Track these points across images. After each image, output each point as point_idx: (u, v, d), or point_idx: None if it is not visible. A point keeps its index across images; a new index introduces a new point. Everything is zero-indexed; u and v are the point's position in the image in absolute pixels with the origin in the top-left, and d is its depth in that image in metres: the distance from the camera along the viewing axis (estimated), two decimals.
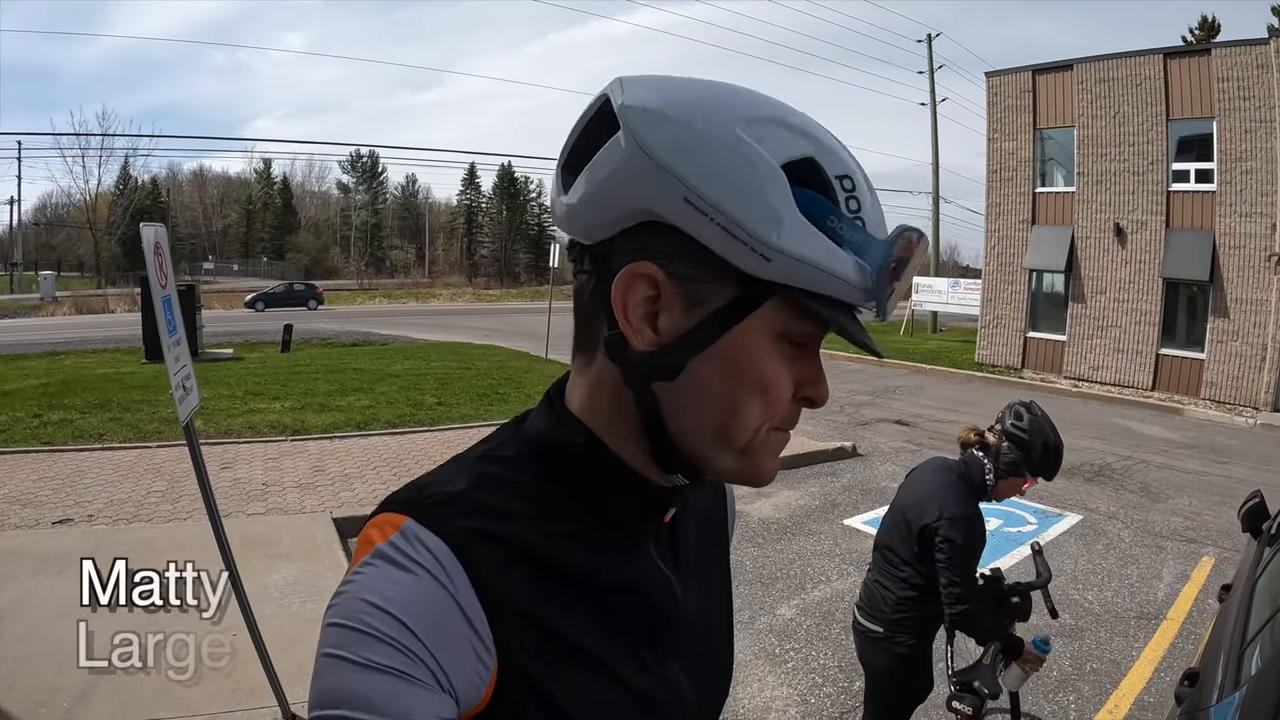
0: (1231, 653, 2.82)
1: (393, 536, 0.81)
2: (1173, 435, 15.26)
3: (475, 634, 0.80)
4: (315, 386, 13.99)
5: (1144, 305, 20.66)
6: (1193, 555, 8.01)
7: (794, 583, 6.84)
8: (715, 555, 1.15)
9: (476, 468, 0.90)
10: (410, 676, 0.75)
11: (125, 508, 7.49)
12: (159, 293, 4.15)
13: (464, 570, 0.80)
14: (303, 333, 23.83)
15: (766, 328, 0.83)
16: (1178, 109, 19.89)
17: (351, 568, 0.82)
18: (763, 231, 0.78)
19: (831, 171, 0.82)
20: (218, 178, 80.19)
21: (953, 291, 30.27)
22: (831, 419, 13.92)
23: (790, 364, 0.86)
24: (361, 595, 0.77)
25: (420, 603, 0.78)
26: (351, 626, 0.75)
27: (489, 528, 0.84)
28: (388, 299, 50.59)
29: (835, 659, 5.53)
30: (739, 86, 0.86)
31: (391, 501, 0.86)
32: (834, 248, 0.79)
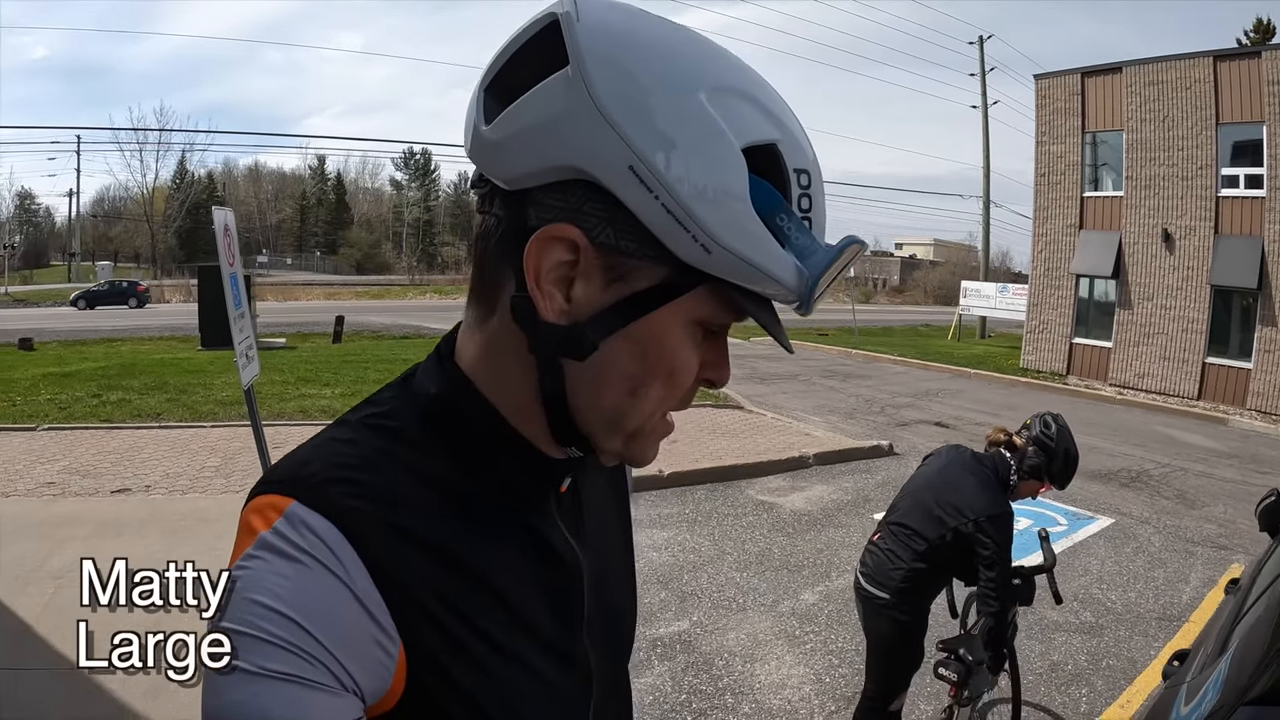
0: (1221, 630, 2.93)
1: (277, 523, 0.74)
2: (1214, 444, 15.09)
3: (375, 623, 0.75)
4: (365, 375, 14.31)
5: (1191, 313, 20.40)
6: (1222, 561, 8.00)
7: (819, 571, 6.97)
8: (616, 522, 1.12)
9: (363, 438, 0.84)
10: (310, 681, 0.70)
11: (180, 481, 7.84)
12: (226, 270, 4.44)
13: (357, 555, 0.74)
14: (354, 325, 24.22)
15: (685, 314, 0.79)
16: (1228, 113, 19.59)
17: (234, 559, 0.75)
18: (711, 223, 0.73)
19: (791, 163, 0.76)
20: (272, 173, 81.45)
21: (1000, 297, 30.01)
22: (871, 419, 14.04)
23: (698, 348, 0.82)
24: (249, 594, 0.71)
25: (313, 597, 0.72)
26: (243, 632, 0.70)
27: (381, 506, 0.78)
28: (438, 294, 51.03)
29: (853, 643, 5.65)
30: (711, 43, 0.78)
31: (271, 481, 0.79)
32: (779, 249, 0.75)
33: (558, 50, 0.72)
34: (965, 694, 3.54)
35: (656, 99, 0.72)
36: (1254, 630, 2.53)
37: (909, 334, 35.16)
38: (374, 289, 52.46)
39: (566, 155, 0.73)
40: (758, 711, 4.77)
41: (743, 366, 19.17)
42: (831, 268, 0.76)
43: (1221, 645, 2.71)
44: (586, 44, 0.71)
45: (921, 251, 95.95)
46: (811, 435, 11.91)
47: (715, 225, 0.73)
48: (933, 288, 73.17)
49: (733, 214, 0.73)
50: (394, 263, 75.06)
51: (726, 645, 5.53)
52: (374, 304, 39.57)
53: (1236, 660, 2.38)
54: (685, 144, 0.72)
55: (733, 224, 0.73)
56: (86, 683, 4.30)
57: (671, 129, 0.72)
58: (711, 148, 0.73)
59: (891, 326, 38.87)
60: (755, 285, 0.76)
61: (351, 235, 78.03)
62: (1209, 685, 2.39)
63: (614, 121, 0.71)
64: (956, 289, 36.39)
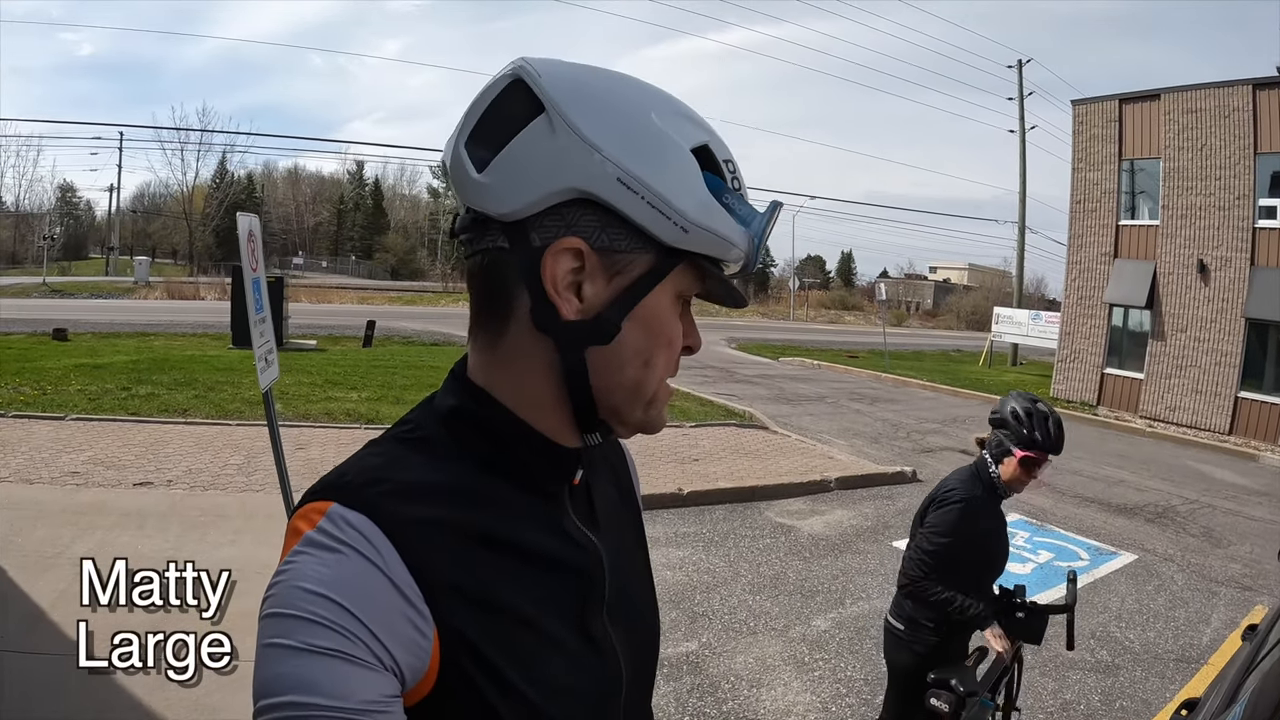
0: (1234, 679, 2.88)
1: (320, 522, 0.83)
2: (1245, 481, 14.87)
3: (411, 606, 0.82)
4: (393, 380, 14.39)
5: (1225, 345, 20.11)
6: (1246, 603, 7.89)
7: (834, 597, 6.93)
8: (627, 514, 1.20)
9: (393, 449, 0.94)
10: (351, 657, 0.77)
11: (202, 476, 7.92)
12: (249, 275, 4.49)
13: (392, 545, 0.83)
14: (385, 330, 24.31)
15: (671, 289, 0.94)
16: (1266, 142, 19.31)
17: (282, 559, 0.84)
18: (684, 207, 0.89)
19: (720, 156, 0.95)
20: (311, 176, 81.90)
21: (1033, 324, 29.79)
22: (897, 444, 13.98)
23: (681, 320, 0.97)
24: (295, 583, 0.80)
25: (353, 581, 0.80)
26: (288, 614, 0.78)
27: (413, 502, 0.87)
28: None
29: (862, 672, 5.63)
30: (636, 79, 0.95)
31: (313, 491, 0.89)
32: (731, 220, 0.92)
33: (527, 102, 0.89)
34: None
35: (623, 124, 0.89)
36: (1266, 681, 2.49)
37: (940, 359, 34.94)
38: (407, 294, 52.68)
39: (566, 180, 0.88)
40: None
41: (770, 387, 19.16)
42: (767, 228, 0.95)
43: (1231, 696, 2.66)
44: (555, 93, 0.88)
45: (955, 276, 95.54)
46: (834, 458, 11.85)
47: (688, 209, 0.90)
48: (966, 313, 72.82)
49: (697, 199, 0.90)
50: (428, 269, 75.43)
51: (734, 668, 5.50)
52: (406, 310, 39.74)
53: (1249, 711, 2.34)
54: (653, 154, 0.89)
55: (699, 206, 0.90)
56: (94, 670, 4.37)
57: (640, 144, 0.89)
58: (670, 153, 0.90)
59: (923, 350, 38.64)
60: (719, 253, 0.93)
61: (387, 241, 78.42)
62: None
63: (598, 147, 0.87)
64: (989, 314, 36.14)
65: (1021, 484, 3.53)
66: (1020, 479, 3.51)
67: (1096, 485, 12.72)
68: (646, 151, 0.89)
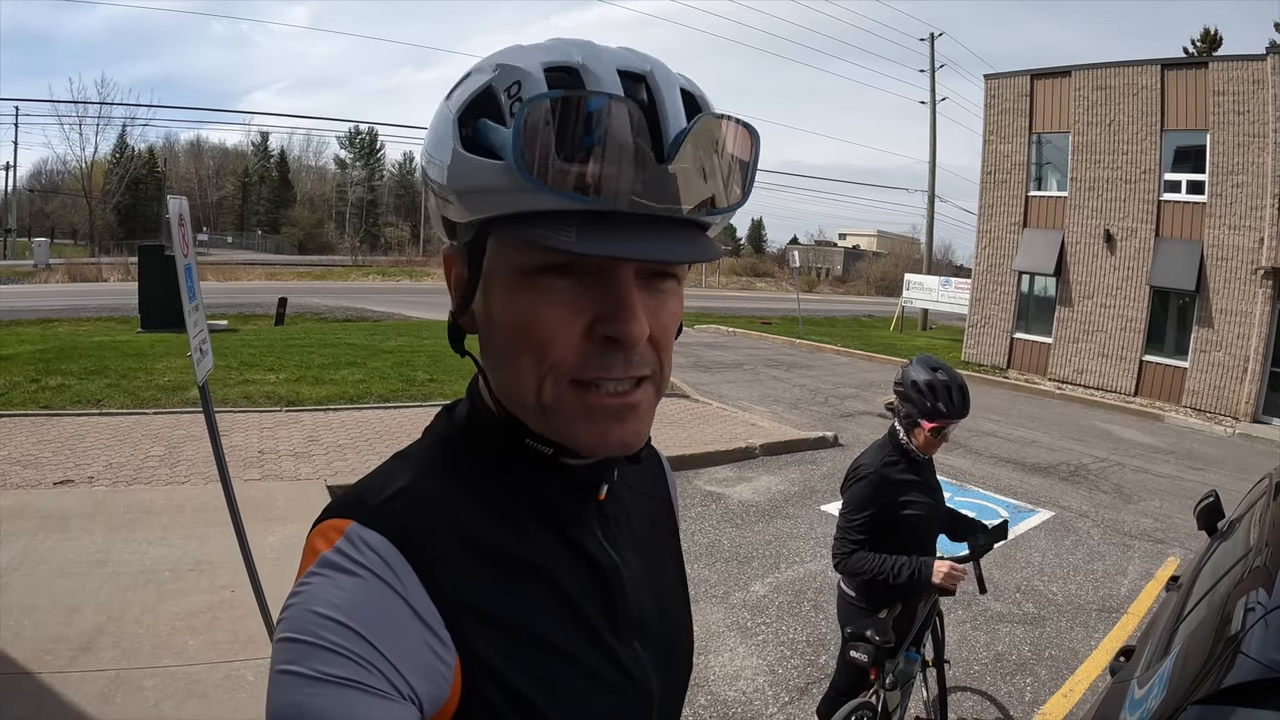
0: (1165, 629, 3.02)
1: (338, 542, 0.79)
2: (1151, 440, 15.49)
3: (430, 631, 0.78)
4: (310, 360, 14.09)
5: (1130, 312, 20.87)
6: (1159, 555, 8.24)
7: (769, 562, 7.06)
8: (662, 533, 1.15)
9: (413, 464, 0.90)
10: (367, 687, 0.72)
11: (124, 471, 7.64)
12: (181, 261, 4.35)
13: (411, 568, 0.79)
14: (296, 307, 23.79)
15: (509, 268, 0.83)
16: (1173, 120, 20.04)
17: (299, 578, 0.79)
18: (441, 178, 0.82)
19: (500, 85, 0.80)
20: (214, 149, 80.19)
21: (943, 290, 30.36)
22: (816, 410, 14.19)
23: (564, 301, 0.82)
24: (310, 606, 0.75)
25: (370, 607, 0.76)
26: (302, 640, 0.73)
27: (433, 523, 0.83)
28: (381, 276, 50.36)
29: (804, 634, 5.75)
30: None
31: (334, 507, 0.85)
32: (485, 162, 0.78)
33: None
34: (889, 678, 3.61)
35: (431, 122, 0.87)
36: (1198, 630, 2.62)
37: (852, 324, 35.45)
38: (316, 269, 51.57)
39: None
40: (714, 703, 4.83)
41: (687, 355, 19.20)
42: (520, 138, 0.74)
43: (1167, 643, 2.80)
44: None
45: (865, 243, 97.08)
46: (757, 426, 12.00)
47: (443, 178, 0.82)
48: (876, 279, 74.00)
49: (449, 162, 0.81)
50: (337, 243, 74.13)
51: None
52: (316, 285, 38.93)
53: (1181, 660, 2.46)
54: (431, 140, 0.85)
55: (451, 169, 0.81)
56: (35, 685, 4.22)
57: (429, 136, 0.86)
58: (440, 127, 0.84)
59: (835, 316, 39.26)
60: (502, 207, 0.79)
61: (294, 214, 76.96)
62: (1155, 681, 2.46)
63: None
64: (899, 280, 36.72)
65: (935, 447, 3.65)
66: (933, 444, 3.62)
67: (1011, 446, 13.12)
68: (429, 141, 0.86)
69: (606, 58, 0.81)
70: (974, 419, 15.04)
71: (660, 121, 0.79)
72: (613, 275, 0.81)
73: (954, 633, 5.73)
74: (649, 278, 0.85)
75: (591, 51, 0.81)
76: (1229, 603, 2.56)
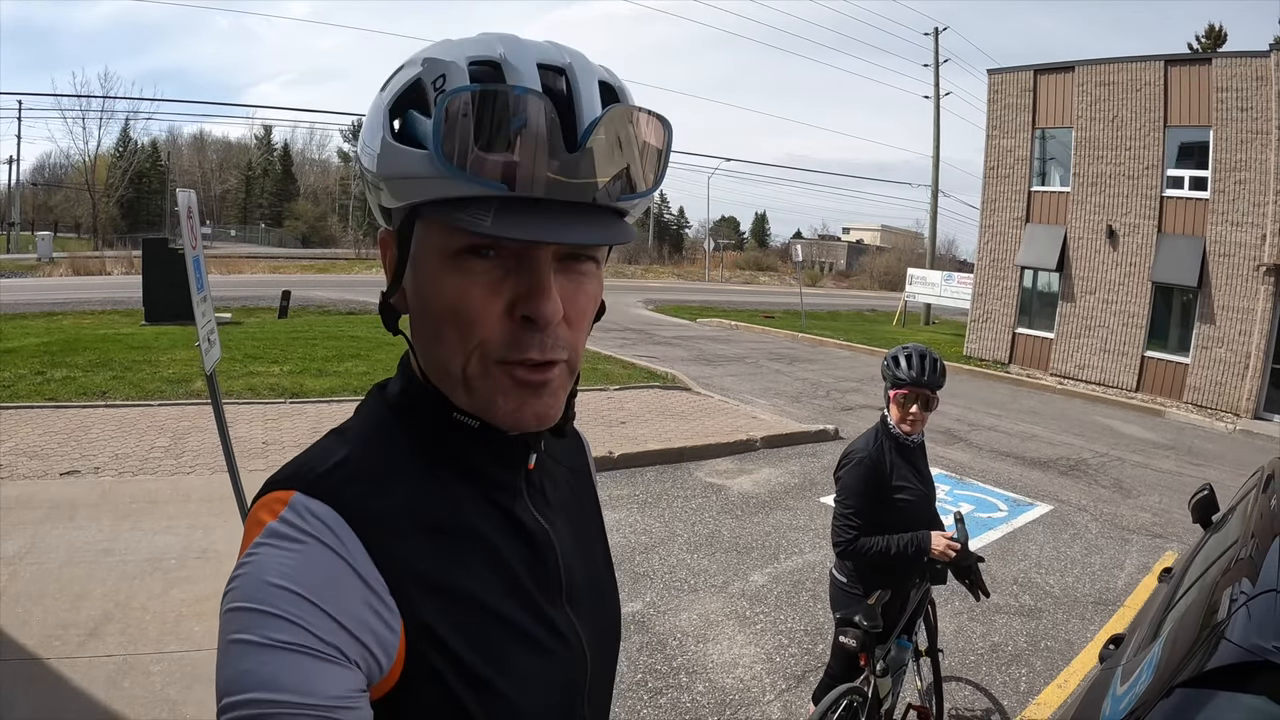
0: (1154, 617, 3.07)
1: (283, 512, 0.82)
2: (1152, 436, 15.52)
3: (377, 596, 0.81)
4: (313, 352, 14.13)
5: (1132, 307, 20.90)
6: (1156, 549, 8.29)
7: (768, 553, 7.12)
8: (585, 502, 1.20)
9: (351, 438, 0.93)
10: (316, 652, 0.75)
11: (130, 461, 7.70)
12: (190, 253, 4.42)
13: (356, 536, 0.82)
14: (300, 300, 23.81)
15: (435, 250, 0.87)
16: (1176, 116, 20.06)
17: (244, 550, 0.81)
18: (372, 166, 0.87)
19: (428, 78, 0.84)
20: (218, 142, 79.86)
21: (945, 285, 30.39)
22: (817, 403, 14.26)
23: (486, 281, 0.86)
24: (259, 575, 0.77)
25: (318, 573, 0.78)
26: (251, 608, 0.75)
27: (373, 492, 0.86)
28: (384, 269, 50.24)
29: (801, 623, 5.81)
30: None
31: (275, 481, 0.87)
32: (411, 151, 0.83)
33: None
34: (880, 665, 3.66)
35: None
36: (1186, 617, 2.67)
37: (855, 319, 35.44)
38: (319, 262, 51.49)
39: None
40: (711, 690, 4.88)
41: (689, 349, 19.26)
42: (443, 128, 0.79)
43: (1155, 631, 2.85)
44: None
45: (869, 237, 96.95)
46: (758, 418, 12.05)
47: (372, 166, 0.87)
48: (879, 273, 73.86)
49: (378, 150, 0.86)
50: (340, 236, 74.05)
51: (679, 625, 5.64)
52: (319, 278, 38.87)
53: (1169, 645, 2.51)
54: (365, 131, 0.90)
55: (380, 157, 0.86)
56: (44, 670, 4.28)
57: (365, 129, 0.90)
58: (372, 118, 0.88)
59: (838, 311, 39.18)
60: (427, 193, 0.84)
61: (297, 207, 76.75)
62: (1143, 667, 2.51)
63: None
64: (902, 275, 36.76)
65: (910, 422, 3.70)
66: (907, 418, 3.70)
67: (1011, 440, 13.16)
68: (364, 131, 0.91)
69: (528, 51, 0.85)
70: (974, 413, 15.29)
71: (575, 112, 0.83)
72: (531, 258, 0.85)
73: (950, 623, 5.77)
74: (567, 260, 0.89)
75: (514, 45, 0.86)
76: (1216, 592, 2.60)
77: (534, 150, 0.80)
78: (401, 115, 0.86)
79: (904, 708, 4.29)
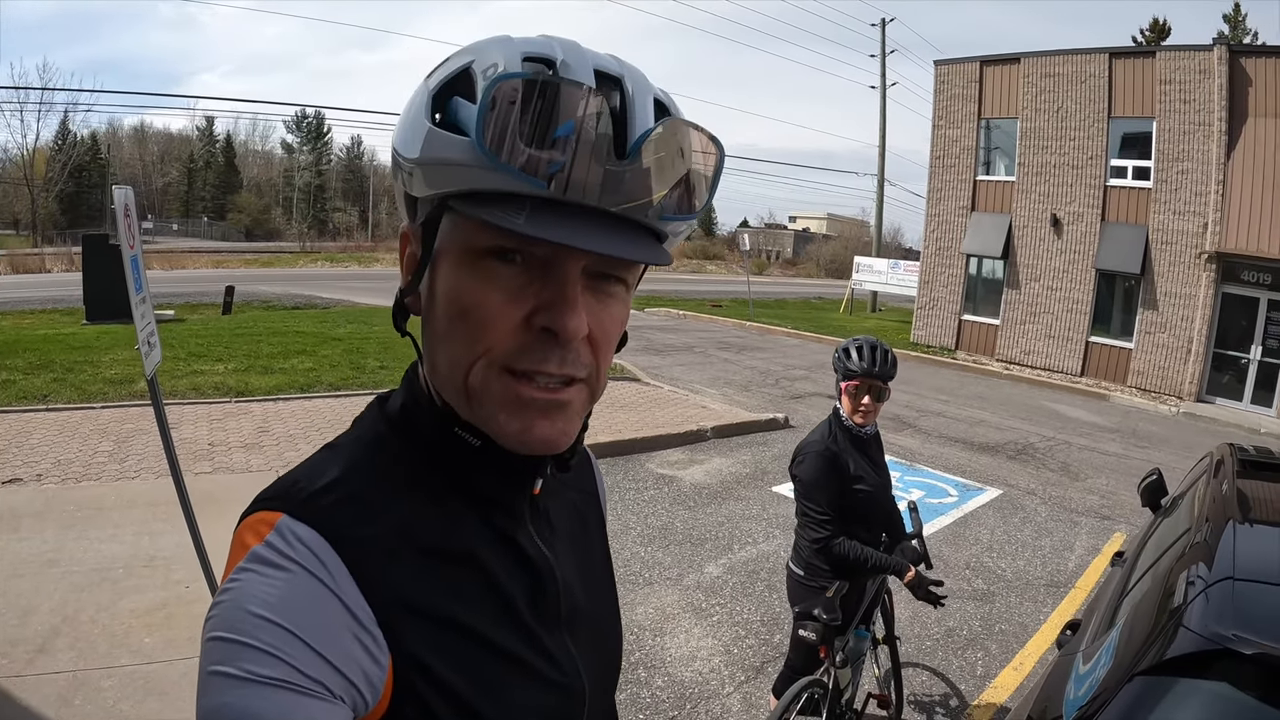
0: (1110, 603, 3.09)
1: (268, 536, 0.78)
2: (1097, 419, 15.79)
3: (363, 628, 0.77)
4: (258, 349, 13.87)
5: (1076, 294, 21.24)
6: (1105, 530, 8.42)
7: (722, 544, 7.10)
8: (591, 529, 1.15)
9: (345, 455, 0.88)
10: (299, 687, 0.71)
11: (73, 467, 7.46)
12: (128, 253, 4.27)
13: (343, 563, 0.78)
14: (244, 295, 23.40)
15: (458, 248, 0.82)
16: (1120, 107, 20.43)
17: (227, 573, 0.77)
18: (406, 151, 0.81)
19: (479, 68, 0.79)
20: (159, 134, 78.33)
21: (892, 272, 30.60)
22: (767, 392, 14.29)
23: (507, 287, 0.81)
24: (241, 604, 0.73)
25: (302, 604, 0.74)
26: (233, 639, 0.71)
27: (365, 516, 0.82)
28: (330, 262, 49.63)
29: (758, 614, 5.81)
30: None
31: (263, 499, 0.83)
32: (450, 136, 0.78)
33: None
34: (840, 656, 3.67)
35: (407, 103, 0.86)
36: (1142, 603, 2.69)
37: (802, 306, 35.70)
38: (264, 256, 50.73)
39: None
40: (671, 684, 4.86)
41: (638, 339, 19.17)
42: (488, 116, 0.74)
43: (1112, 616, 2.87)
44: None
45: (815, 225, 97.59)
46: (708, 408, 12.04)
47: (408, 151, 0.81)
48: (826, 261, 74.49)
49: (417, 136, 0.80)
50: (284, 229, 73.06)
51: (636, 620, 5.60)
52: (264, 272, 38.28)
53: (1127, 631, 2.52)
54: (404, 117, 0.84)
55: (419, 142, 0.80)
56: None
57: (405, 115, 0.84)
58: (413, 104, 0.83)
59: (785, 299, 39.49)
60: (461, 183, 0.78)
61: (241, 200, 75.58)
62: (1102, 652, 2.52)
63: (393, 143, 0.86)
64: (849, 263, 36.91)
65: (862, 414, 3.70)
66: (859, 409, 3.69)
67: (960, 425, 13.33)
68: (402, 118, 0.85)
69: (586, 57, 0.81)
70: (923, 399, 15.41)
71: (628, 122, 0.79)
72: (559, 267, 0.80)
73: (905, 610, 5.80)
74: (596, 278, 0.84)
75: (574, 49, 0.81)
76: (1171, 577, 2.62)
77: (578, 152, 0.75)
78: (445, 102, 0.80)
79: (864, 696, 4.30)
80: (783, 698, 3.55)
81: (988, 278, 23.63)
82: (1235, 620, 2.09)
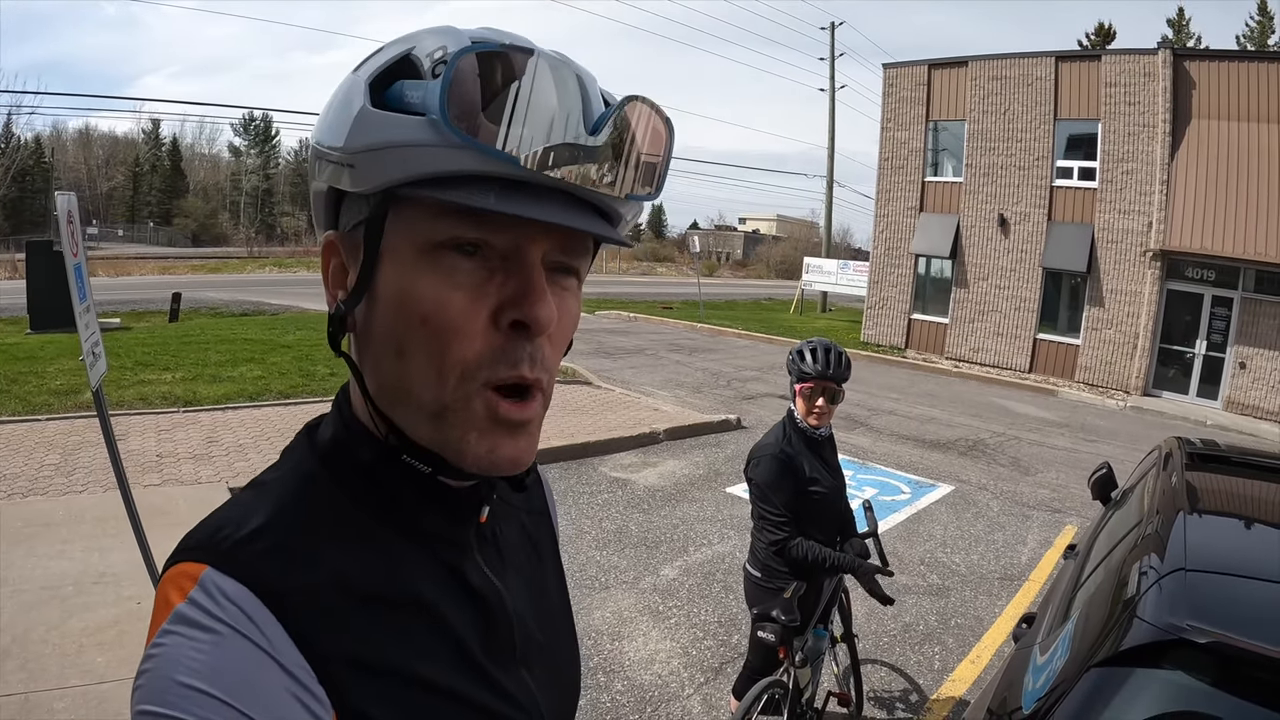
0: (1064, 595, 3.12)
1: (191, 592, 0.70)
2: (1046, 414, 16.02)
3: (303, 687, 0.70)
4: (206, 357, 13.65)
5: (1024, 292, 21.54)
6: (1057, 524, 8.54)
7: (677, 546, 7.10)
8: (543, 550, 1.09)
9: (273, 495, 0.81)
10: None
11: (19, 482, 7.27)
12: (70, 260, 4.17)
13: (275, 619, 0.71)
14: (191, 302, 23.03)
15: (409, 245, 0.76)
16: (1066, 109, 20.79)
17: (152, 634, 0.70)
18: (338, 141, 0.75)
19: (423, 53, 0.74)
20: (104, 137, 76.82)
21: (842, 273, 30.77)
22: (719, 393, 14.30)
23: (468, 283, 0.76)
24: (167, 674, 0.66)
25: (233, 669, 0.67)
26: (163, 714, 0.65)
27: (297, 565, 0.75)
28: (278, 267, 49.03)
29: (715, 615, 5.81)
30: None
31: (186, 548, 0.76)
32: (401, 118, 0.72)
33: None
34: (799, 656, 3.68)
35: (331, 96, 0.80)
36: (1095, 597, 2.71)
37: (753, 308, 35.80)
38: (211, 261, 50.08)
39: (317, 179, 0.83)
40: (630, 688, 4.84)
41: (589, 341, 19.12)
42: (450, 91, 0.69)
43: (1066, 609, 2.89)
44: None
45: (765, 227, 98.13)
46: (661, 410, 12.05)
47: (342, 140, 0.75)
48: (775, 262, 74.91)
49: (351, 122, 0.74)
50: (231, 234, 72.12)
51: (594, 624, 5.58)
52: (211, 278, 37.79)
53: (1081, 624, 2.54)
54: (331, 107, 0.79)
55: (355, 128, 0.74)
56: None
57: (328, 105, 0.79)
58: (343, 93, 0.77)
59: (735, 300, 39.64)
60: (416, 169, 0.72)
61: (187, 204, 74.43)
62: (1059, 645, 2.54)
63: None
64: (799, 264, 37.04)
65: (816, 416, 3.73)
66: (813, 411, 3.72)
67: (911, 423, 13.45)
68: (327, 109, 0.79)
69: (535, 44, 0.76)
70: (874, 397, 15.51)
71: (589, 100, 0.76)
72: (522, 257, 0.76)
73: (861, 607, 5.82)
74: (553, 271, 0.79)
75: (518, 37, 0.77)
76: (1124, 569, 2.65)
77: (549, 128, 0.72)
78: (384, 89, 0.74)
79: (824, 695, 4.31)
80: (744, 699, 3.55)
81: (936, 277, 23.86)
82: (1189, 610, 2.11)
